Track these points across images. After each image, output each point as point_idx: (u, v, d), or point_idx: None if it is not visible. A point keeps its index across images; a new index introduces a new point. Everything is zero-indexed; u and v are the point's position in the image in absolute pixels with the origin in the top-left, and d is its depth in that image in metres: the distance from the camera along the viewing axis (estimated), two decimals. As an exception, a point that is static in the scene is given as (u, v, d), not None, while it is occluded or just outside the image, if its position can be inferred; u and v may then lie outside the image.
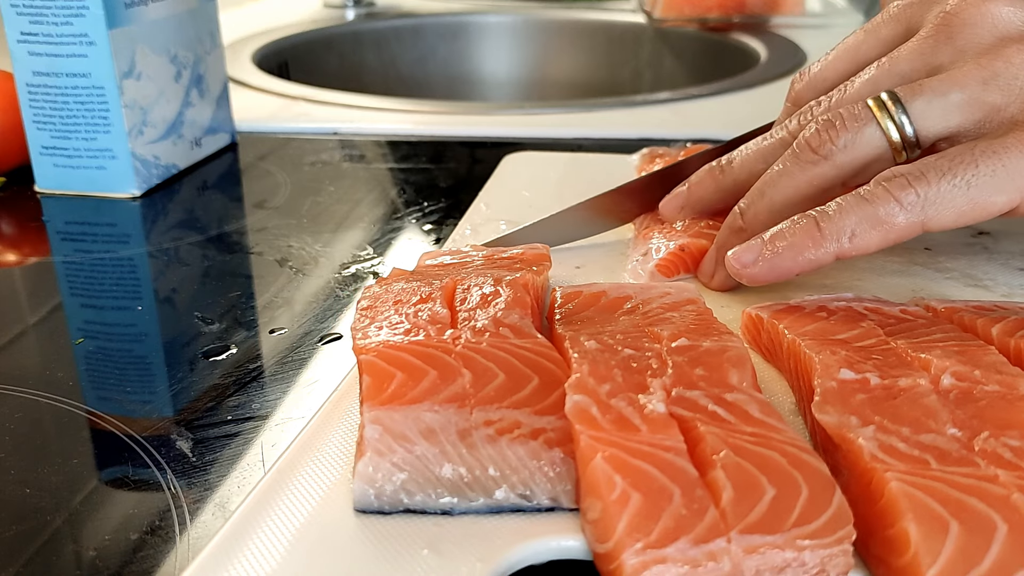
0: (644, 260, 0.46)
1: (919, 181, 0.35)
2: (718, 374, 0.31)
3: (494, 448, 0.29)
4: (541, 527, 0.28)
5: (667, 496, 0.25)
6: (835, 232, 0.36)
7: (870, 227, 0.36)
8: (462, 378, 0.30)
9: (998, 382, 0.30)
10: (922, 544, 0.24)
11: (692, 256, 0.45)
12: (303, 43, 1.12)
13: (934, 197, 0.35)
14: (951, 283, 0.44)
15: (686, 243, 0.45)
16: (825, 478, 0.26)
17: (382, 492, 0.28)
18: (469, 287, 0.36)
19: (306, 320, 0.44)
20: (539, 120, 0.78)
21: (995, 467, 0.26)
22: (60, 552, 0.30)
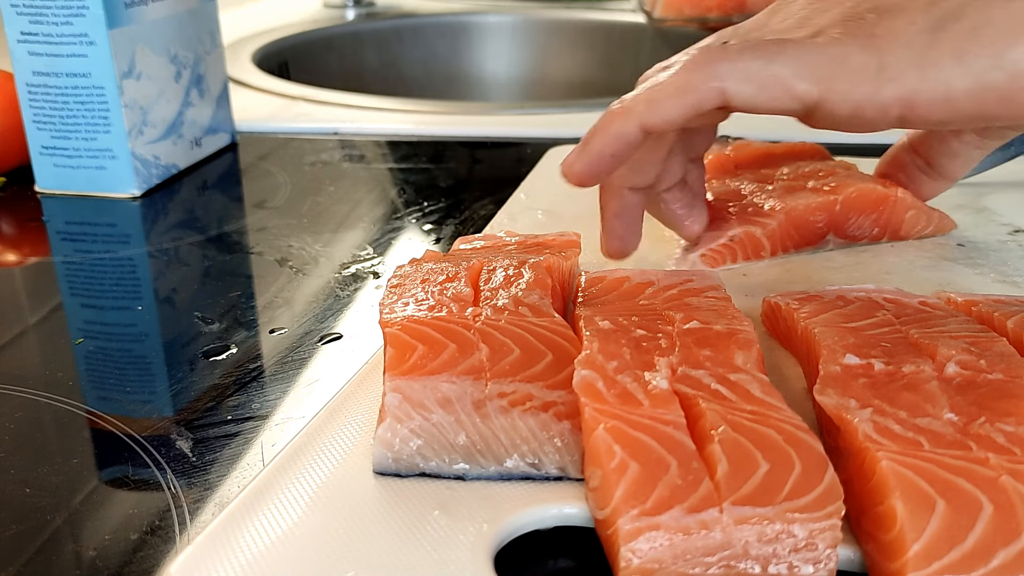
0: (690, 249, 0.47)
1: (721, 49, 0.35)
2: (724, 355, 0.32)
3: (506, 419, 0.30)
4: (548, 494, 0.30)
5: (664, 467, 0.27)
6: (636, 101, 0.36)
7: (669, 92, 0.35)
8: (479, 352, 0.31)
9: (1002, 371, 0.31)
10: (908, 521, 0.25)
11: (741, 244, 0.46)
12: (303, 43, 1.12)
13: (733, 66, 0.34)
14: (980, 279, 0.45)
15: (736, 232, 0.46)
16: (818, 455, 0.27)
17: (400, 456, 0.30)
18: (494, 268, 0.38)
19: (306, 320, 0.44)
20: (539, 120, 0.78)
21: (987, 451, 0.27)
22: (60, 552, 0.30)
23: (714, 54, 0.35)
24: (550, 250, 0.41)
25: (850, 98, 0.33)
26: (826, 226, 0.47)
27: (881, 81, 0.33)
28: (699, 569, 0.25)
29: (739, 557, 0.25)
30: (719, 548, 0.25)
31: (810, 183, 0.48)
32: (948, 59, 0.33)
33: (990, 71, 0.32)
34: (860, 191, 0.47)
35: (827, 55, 0.34)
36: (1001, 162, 0.55)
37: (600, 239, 0.44)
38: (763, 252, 0.47)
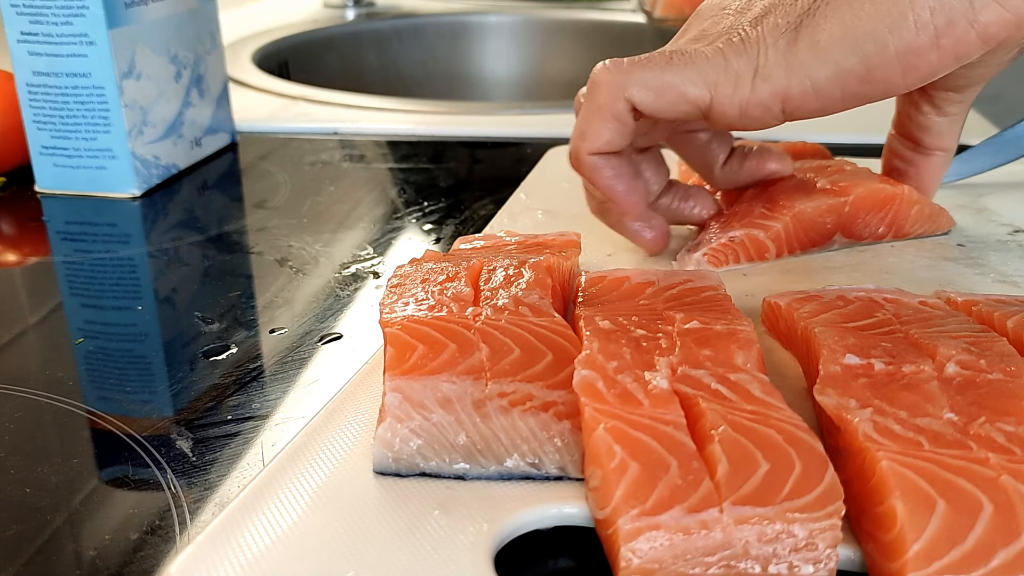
0: (694, 248, 0.47)
1: (624, 63, 0.39)
2: (724, 355, 0.32)
3: (507, 419, 0.30)
4: (548, 494, 0.30)
5: (664, 466, 0.27)
6: (573, 137, 0.42)
7: (589, 119, 0.40)
8: (479, 352, 0.31)
9: (1002, 371, 0.31)
10: (908, 521, 0.25)
11: (743, 247, 0.46)
12: (303, 43, 1.12)
13: (630, 78, 0.39)
14: (980, 279, 0.45)
15: (737, 234, 0.46)
16: (818, 455, 0.27)
17: (400, 456, 0.30)
18: (494, 268, 0.38)
19: (306, 320, 0.44)
20: (539, 120, 0.78)
21: (987, 450, 0.27)
22: (60, 552, 0.30)
23: (616, 68, 0.39)
24: (550, 250, 0.41)
25: (735, 100, 0.37)
26: (834, 227, 0.47)
27: (757, 82, 0.37)
28: (699, 569, 0.25)
29: (739, 557, 0.25)
30: (719, 548, 0.25)
31: (819, 182, 0.48)
32: (808, 53, 0.36)
33: (844, 58, 0.36)
34: (869, 191, 0.47)
35: (711, 63, 0.38)
36: (1002, 163, 0.56)
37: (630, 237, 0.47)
38: (767, 254, 0.47)
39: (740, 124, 0.38)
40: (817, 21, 0.36)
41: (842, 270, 0.46)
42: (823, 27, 0.36)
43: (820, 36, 0.36)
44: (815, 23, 0.36)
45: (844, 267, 0.47)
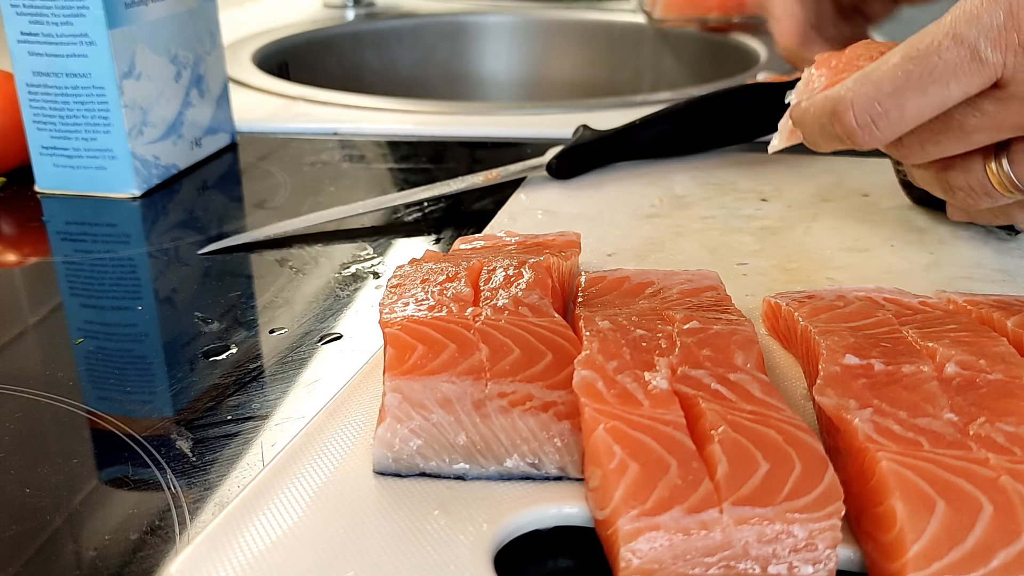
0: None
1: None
2: (724, 355, 0.32)
3: (506, 419, 0.30)
4: (547, 494, 0.30)
5: (664, 467, 0.27)
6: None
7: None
8: (479, 352, 0.31)
9: (1002, 371, 0.31)
10: (908, 521, 0.25)
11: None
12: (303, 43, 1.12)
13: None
14: (981, 279, 0.45)
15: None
16: (818, 456, 0.27)
17: (399, 456, 0.30)
18: (494, 268, 0.38)
19: (306, 320, 0.44)
20: (539, 120, 0.78)
21: (987, 451, 0.27)
22: (60, 552, 0.30)
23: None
24: (550, 250, 0.41)
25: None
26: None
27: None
28: (699, 569, 0.25)
29: (739, 557, 0.25)
30: (719, 548, 0.25)
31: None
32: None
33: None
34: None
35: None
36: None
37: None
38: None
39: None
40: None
41: (842, 270, 0.46)
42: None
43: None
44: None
45: (844, 267, 0.47)
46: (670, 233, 0.51)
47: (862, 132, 0.40)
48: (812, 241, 0.50)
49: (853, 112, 0.39)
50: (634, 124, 0.62)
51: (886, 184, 0.58)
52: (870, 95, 0.39)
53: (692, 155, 0.64)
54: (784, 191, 0.57)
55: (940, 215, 0.52)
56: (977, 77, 0.38)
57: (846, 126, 0.40)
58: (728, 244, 0.50)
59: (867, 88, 0.39)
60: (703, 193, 0.57)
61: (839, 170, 0.61)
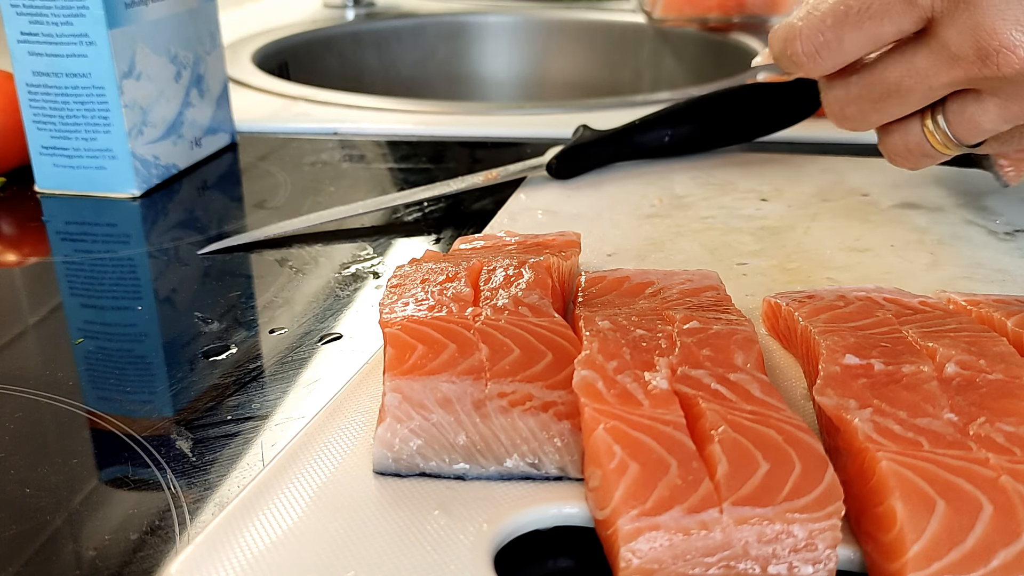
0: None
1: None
2: (724, 355, 0.32)
3: (506, 419, 0.30)
4: (548, 494, 0.30)
5: (664, 467, 0.27)
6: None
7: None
8: (479, 352, 0.31)
9: (1002, 371, 0.31)
10: (908, 521, 0.25)
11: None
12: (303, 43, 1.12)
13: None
14: (980, 279, 0.45)
15: None
16: (818, 456, 0.27)
17: (399, 456, 0.30)
18: (494, 268, 0.38)
19: (306, 320, 0.44)
20: (539, 120, 0.78)
21: (987, 451, 0.27)
22: (60, 552, 0.30)
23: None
24: (550, 250, 0.41)
25: None
26: None
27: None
28: (699, 569, 0.25)
29: (739, 557, 0.25)
30: (719, 548, 0.25)
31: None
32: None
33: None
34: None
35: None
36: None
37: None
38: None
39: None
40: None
41: (842, 270, 0.46)
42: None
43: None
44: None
45: (844, 267, 0.47)
46: (670, 233, 0.51)
47: (807, 60, 0.44)
48: (812, 241, 0.50)
49: (800, 40, 0.43)
50: (634, 124, 0.62)
51: (886, 184, 0.58)
52: (815, 26, 0.43)
53: (692, 155, 0.64)
54: (784, 191, 0.57)
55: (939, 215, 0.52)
56: (907, 16, 0.41)
57: (795, 53, 0.44)
58: (728, 244, 0.50)
59: (813, 19, 0.43)
60: (703, 193, 0.57)
61: (839, 170, 0.61)
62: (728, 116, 0.64)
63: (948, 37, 0.40)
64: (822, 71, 0.45)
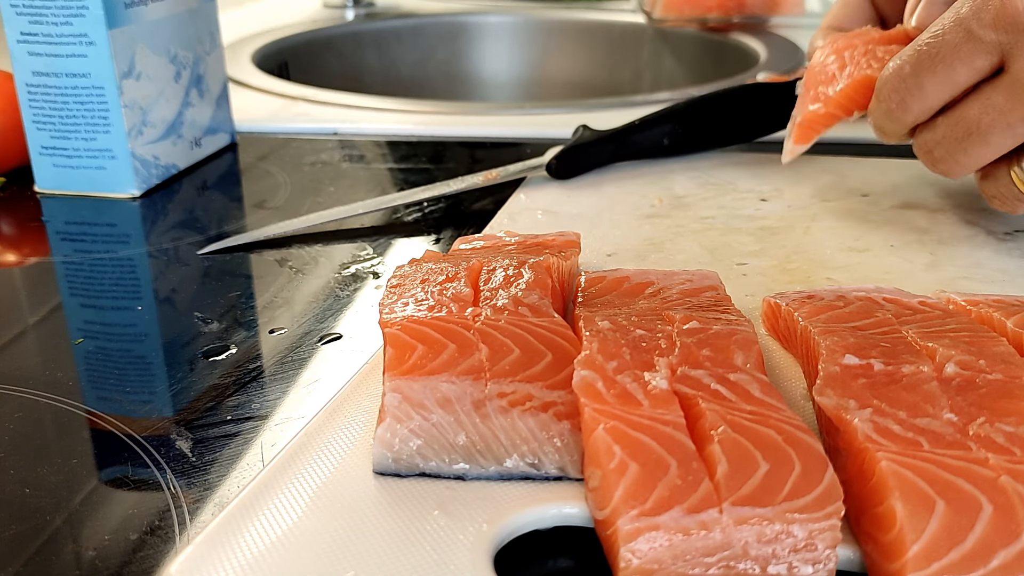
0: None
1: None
2: (724, 355, 0.32)
3: (506, 419, 0.30)
4: (547, 495, 0.30)
5: (663, 467, 0.27)
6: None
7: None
8: (479, 352, 0.31)
9: (1002, 371, 0.31)
10: (907, 521, 0.25)
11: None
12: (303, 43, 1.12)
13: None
14: (980, 279, 0.45)
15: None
16: (818, 456, 0.27)
17: (399, 456, 0.30)
18: (494, 269, 0.38)
19: (306, 320, 0.44)
20: (539, 120, 0.78)
21: (987, 451, 0.27)
22: (60, 552, 0.30)
23: None
24: (550, 250, 0.41)
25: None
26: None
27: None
28: (699, 569, 0.25)
29: (739, 557, 0.25)
30: (719, 548, 0.25)
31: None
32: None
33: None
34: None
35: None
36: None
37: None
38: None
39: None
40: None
41: (842, 270, 0.46)
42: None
43: None
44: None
45: (844, 267, 0.47)
46: (670, 233, 0.51)
47: (898, 109, 0.46)
48: (812, 241, 0.50)
49: (887, 94, 0.46)
50: (634, 124, 0.62)
51: (886, 184, 0.58)
52: (896, 78, 0.45)
53: (692, 155, 0.64)
54: (784, 191, 0.57)
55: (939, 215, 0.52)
56: (977, 57, 0.43)
57: (887, 108, 0.46)
58: (728, 244, 0.50)
59: (891, 73, 0.45)
60: (703, 193, 0.57)
61: (839, 170, 0.61)
62: (728, 116, 0.64)
63: (1020, 70, 0.41)
64: (912, 119, 0.46)
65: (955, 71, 0.43)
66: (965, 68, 0.43)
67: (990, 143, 0.43)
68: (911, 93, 0.45)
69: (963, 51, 0.43)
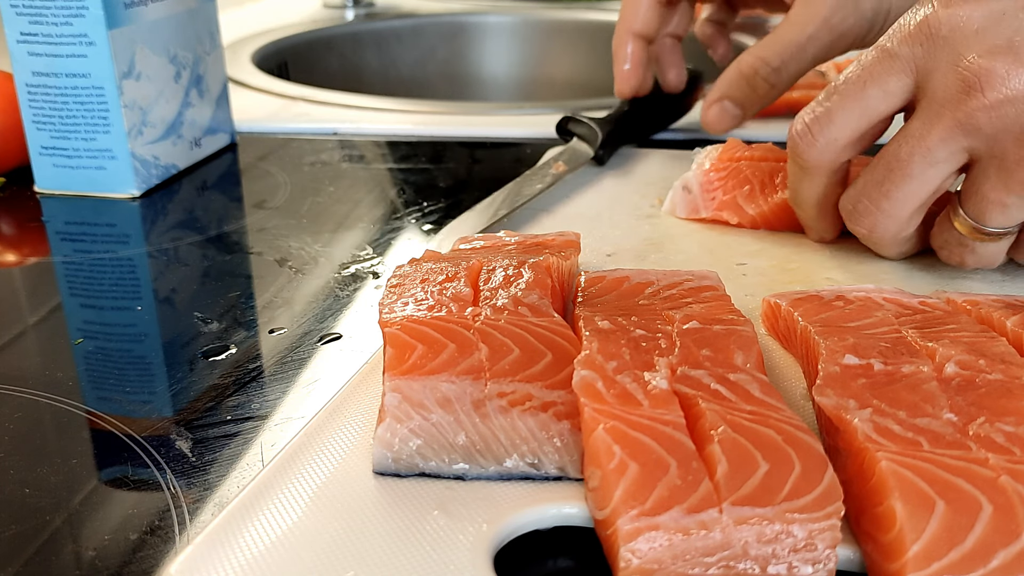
0: (680, 199, 0.53)
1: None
2: (724, 355, 0.32)
3: (506, 419, 0.30)
4: (547, 494, 0.30)
5: (663, 467, 0.27)
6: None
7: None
8: (479, 352, 0.31)
9: (1002, 371, 0.31)
10: (907, 521, 0.25)
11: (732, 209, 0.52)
12: (303, 43, 1.12)
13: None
14: (981, 279, 0.45)
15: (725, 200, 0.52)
16: (818, 456, 0.27)
17: (399, 456, 0.30)
18: (494, 268, 0.38)
19: (306, 320, 0.44)
20: (539, 120, 0.78)
21: (986, 451, 0.27)
22: (60, 552, 0.30)
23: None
24: (550, 250, 0.41)
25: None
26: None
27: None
28: (698, 569, 0.25)
29: (738, 557, 0.25)
30: (718, 548, 0.25)
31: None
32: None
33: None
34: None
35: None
36: None
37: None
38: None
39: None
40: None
41: (842, 270, 0.46)
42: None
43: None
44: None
45: (844, 267, 0.47)
46: (670, 233, 0.51)
47: (799, 139, 0.44)
48: (812, 241, 0.50)
49: (794, 123, 0.44)
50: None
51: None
52: (808, 108, 0.43)
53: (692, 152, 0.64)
54: (784, 191, 0.57)
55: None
56: (891, 77, 0.40)
57: (790, 137, 0.44)
58: (728, 244, 0.50)
59: (810, 106, 0.43)
60: (703, 193, 0.57)
61: (839, 170, 0.61)
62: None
63: (934, 88, 0.39)
64: (816, 150, 0.43)
65: (866, 94, 0.40)
66: (877, 90, 0.40)
67: (912, 175, 0.40)
68: (818, 121, 0.42)
69: (876, 70, 0.40)
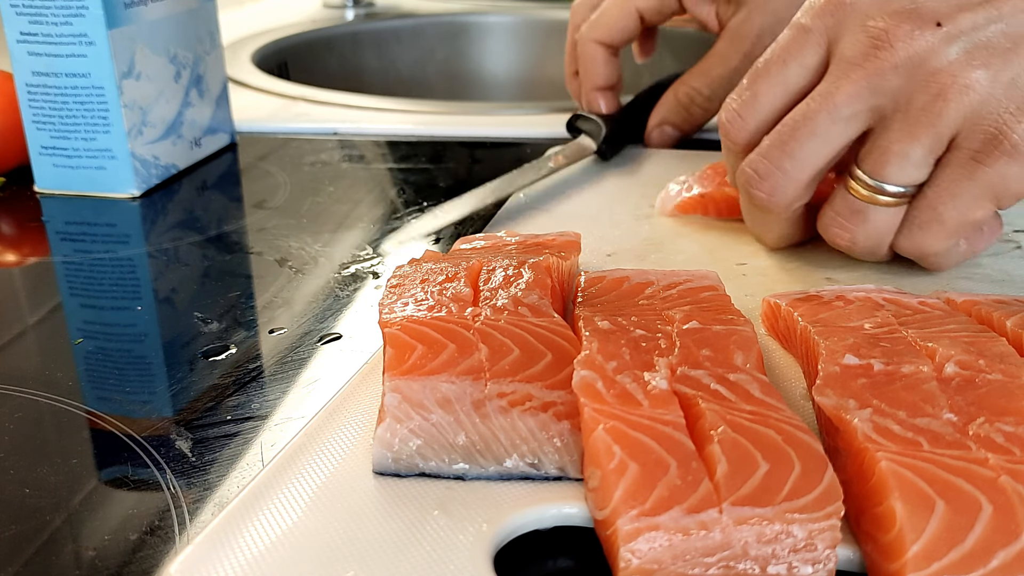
0: (668, 197, 0.54)
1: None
2: (723, 355, 0.32)
3: (506, 419, 0.30)
4: (547, 494, 0.30)
5: (663, 467, 0.27)
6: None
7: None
8: (479, 352, 0.31)
9: (1001, 371, 0.31)
10: (907, 521, 0.25)
11: (712, 201, 0.52)
12: (303, 43, 1.12)
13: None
14: (980, 279, 0.45)
15: (707, 192, 0.52)
16: (818, 456, 0.27)
17: (399, 456, 0.30)
18: (494, 268, 0.38)
19: (306, 320, 0.44)
20: (539, 120, 0.78)
21: (986, 451, 0.27)
22: (60, 552, 0.30)
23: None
24: (550, 250, 0.41)
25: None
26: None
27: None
28: (698, 570, 0.25)
29: (738, 557, 0.25)
30: (718, 548, 0.25)
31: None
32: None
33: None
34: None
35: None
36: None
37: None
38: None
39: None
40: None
41: (842, 270, 0.46)
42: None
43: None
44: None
45: (844, 267, 0.47)
46: (670, 233, 0.51)
47: (729, 125, 0.44)
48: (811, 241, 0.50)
49: (724, 110, 0.45)
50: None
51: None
52: (735, 92, 0.44)
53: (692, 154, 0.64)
54: (784, 191, 0.57)
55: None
56: (807, 50, 0.42)
57: (720, 124, 0.45)
58: (728, 244, 0.50)
59: (736, 90, 0.44)
60: (703, 193, 0.57)
61: (839, 170, 0.61)
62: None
63: (843, 48, 0.40)
64: (747, 131, 0.44)
65: (787, 68, 0.42)
66: (796, 65, 0.42)
67: (816, 131, 0.40)
68: (745, 104, 0.43)
69: (792, 46, 0.42)
